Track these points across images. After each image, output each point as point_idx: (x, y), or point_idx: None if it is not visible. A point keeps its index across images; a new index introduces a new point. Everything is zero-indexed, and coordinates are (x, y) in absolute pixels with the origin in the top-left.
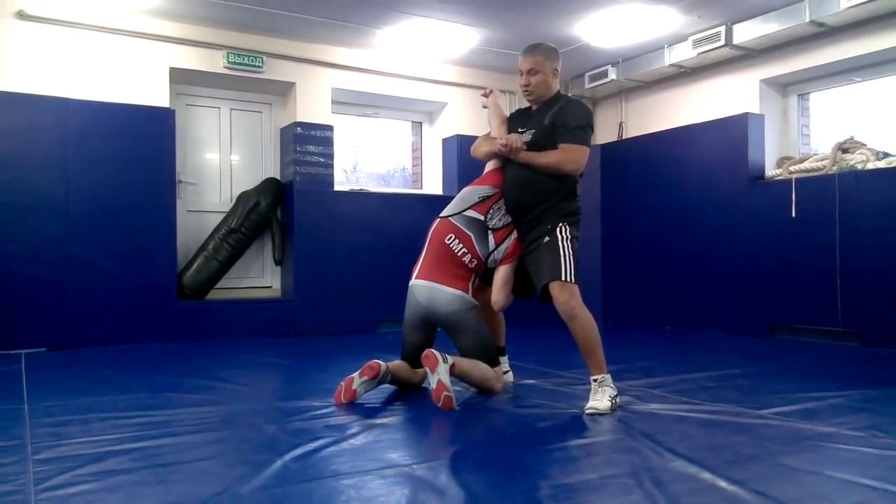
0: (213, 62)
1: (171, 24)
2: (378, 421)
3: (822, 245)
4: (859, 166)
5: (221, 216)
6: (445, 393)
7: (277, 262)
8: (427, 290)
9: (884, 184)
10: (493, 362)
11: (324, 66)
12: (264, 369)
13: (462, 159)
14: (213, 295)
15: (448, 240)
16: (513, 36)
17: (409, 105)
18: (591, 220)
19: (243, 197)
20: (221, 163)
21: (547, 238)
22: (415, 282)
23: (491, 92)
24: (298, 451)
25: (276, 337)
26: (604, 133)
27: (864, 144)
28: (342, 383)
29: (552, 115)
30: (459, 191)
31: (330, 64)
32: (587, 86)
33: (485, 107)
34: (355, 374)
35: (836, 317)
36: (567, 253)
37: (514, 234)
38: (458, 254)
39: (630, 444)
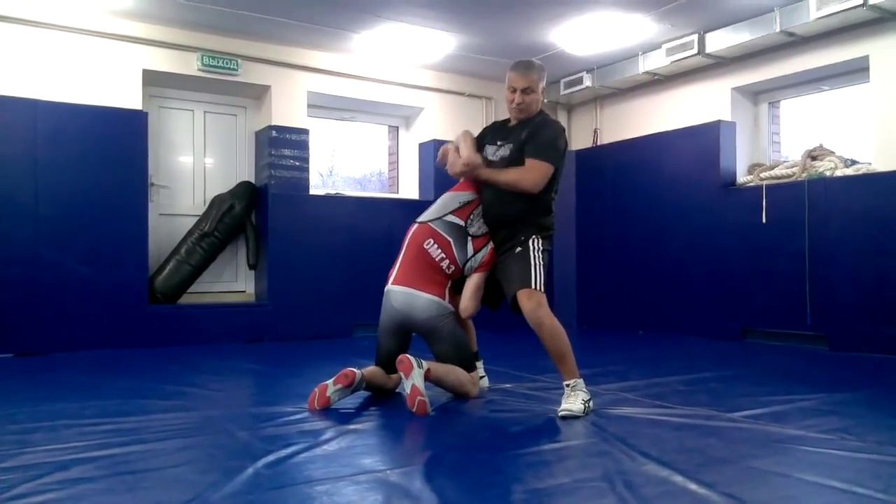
0: (187, 64)
1: (143, 25)
2: (352, 426)
3: (791, 251)
4: (828, 173)
5: (194, 220)
6: (419, 398)
7: (252, 267)
8: (404, 295)
9: (851, 191)
10: (470, 367)
11: (299, 69)
12: (237, 375)
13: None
14: (186, 299)
15: (427, 245)
16: (489, 42)
17: (386, 109)
18: (567, 226)
19: (217, 200)
20: (195, 166)
21: (519, 248)
22: (391, 287)
23: (445, 154)
24: (271, 458)
25: (249, 342)
26: (579, 139)
27: (832, 152)
28: (316, 390)
29: (528, 131)
30: (436, 195)
31: (306, 67)
32: (562, 92)
33: (442, 165)
34: (329, 382)
35: (805, 321)
36: (537, 263)
37: (492, 244)
38: (437, 259)
39: (603, 448)
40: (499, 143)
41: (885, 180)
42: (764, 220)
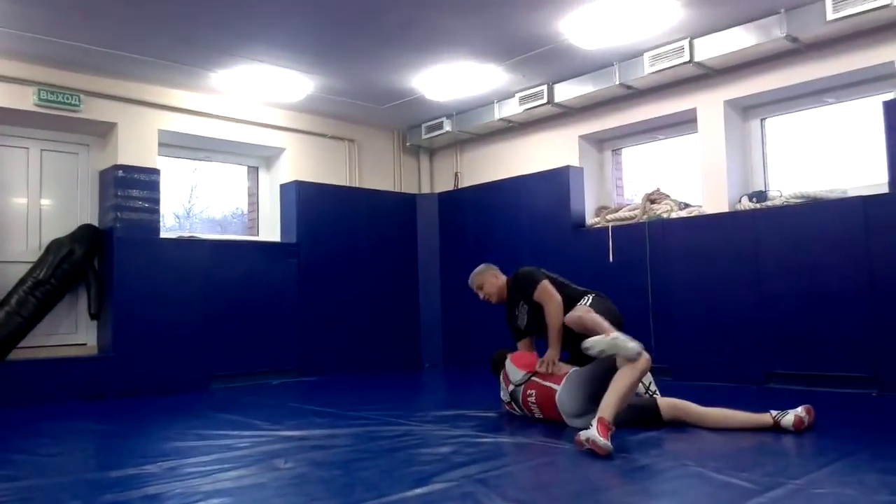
0: (22, 99)
1: None
2: (204, 487)
3: (636, 287)
4: (665, 215)
5: (28, 266)
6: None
7: (94, 317)
8: None
9: (685, 231)
10: None
11: (149, 106)
12: (75, 436)
13: (301, 206)
14: (17, 355)
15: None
16: (350, 85)
17: (245, 150)
18: (431, 267)
19: (54, 245)
20: (29, 208)
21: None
22: None
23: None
24: None
25: (91, 399)
26: (441, 182)
27: (668, 196)
28: None
29: (517, 296)
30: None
31: (157, 105)
32: (424, 136)
33: None
34: None
35: (651, 353)
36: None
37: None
38: None
39: (466, 490)
40: (516, 312)
41: (712, 221)
42: (611, 259)
